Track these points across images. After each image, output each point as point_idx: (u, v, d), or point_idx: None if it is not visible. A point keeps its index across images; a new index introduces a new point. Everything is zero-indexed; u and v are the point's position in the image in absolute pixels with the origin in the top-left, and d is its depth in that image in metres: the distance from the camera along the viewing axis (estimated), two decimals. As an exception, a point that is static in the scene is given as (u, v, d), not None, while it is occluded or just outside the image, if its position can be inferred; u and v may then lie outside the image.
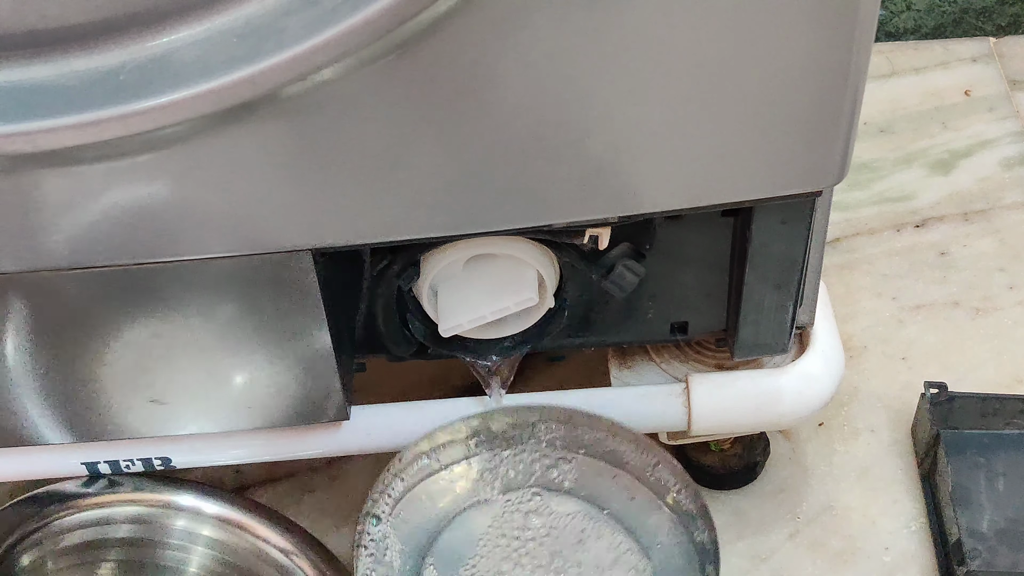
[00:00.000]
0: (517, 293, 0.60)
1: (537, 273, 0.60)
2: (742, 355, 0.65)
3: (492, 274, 0.60)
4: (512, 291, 0.60)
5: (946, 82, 1.08)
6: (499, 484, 0.63)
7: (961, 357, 0.85)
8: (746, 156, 0.53)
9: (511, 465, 0.63)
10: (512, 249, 0.59)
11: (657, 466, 0.64)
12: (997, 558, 0.71)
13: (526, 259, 0.59)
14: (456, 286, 0.60)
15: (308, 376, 0.61)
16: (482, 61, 0.48)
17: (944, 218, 0.96)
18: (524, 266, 0.60)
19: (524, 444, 0.63)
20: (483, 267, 0.60)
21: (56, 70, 0.45)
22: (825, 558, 0.75)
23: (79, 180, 0.50)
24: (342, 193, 0.52)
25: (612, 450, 0.63)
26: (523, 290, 0.60)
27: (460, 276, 0.60)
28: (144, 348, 0.59)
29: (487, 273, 0.60)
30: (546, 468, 0.63)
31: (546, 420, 0.62)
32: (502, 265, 0.60)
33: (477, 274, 0.60)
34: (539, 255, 0.60)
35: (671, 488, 0.63)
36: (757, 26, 0.48)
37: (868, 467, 0.79)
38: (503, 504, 0.63)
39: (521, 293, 0.60)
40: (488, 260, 0.60)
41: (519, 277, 0.60)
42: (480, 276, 0.60)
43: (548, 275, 0.60)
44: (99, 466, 0.67)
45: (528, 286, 0.60)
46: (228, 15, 0.45)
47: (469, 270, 0.60)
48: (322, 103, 0.48)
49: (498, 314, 0.60)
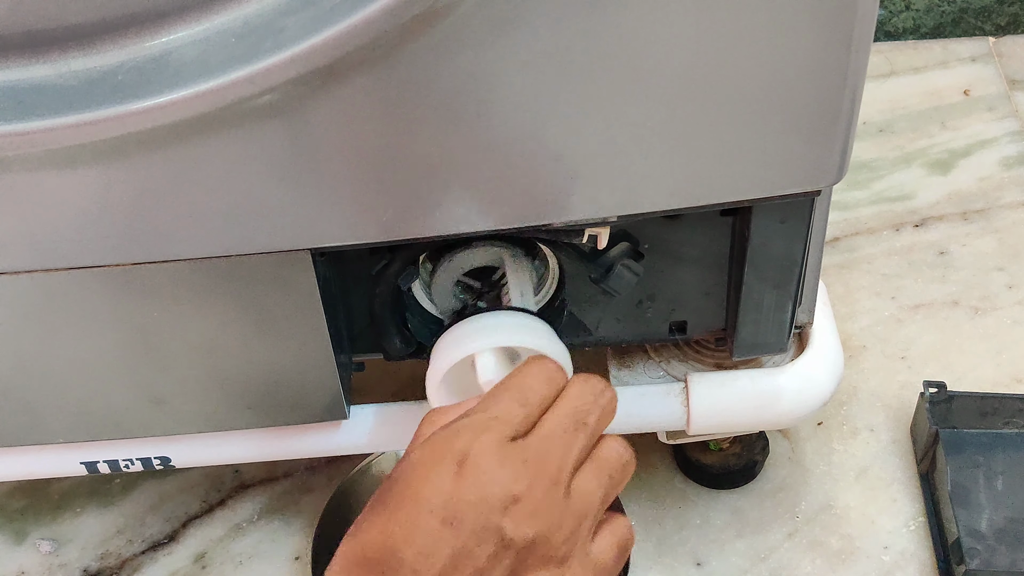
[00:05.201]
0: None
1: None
2: (741, 354, 0.65)
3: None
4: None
5: (945, 82, 1.08)
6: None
7: (960, 356, 0.86)
8: (745, 155, 0.53)
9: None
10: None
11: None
12: (996, 557, 0.71)
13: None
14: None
15: (307, 376, 0.61)
16: (480, 60, 0.48)
17: (943, 218, 0.96)
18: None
19: None
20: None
21: (55, 70, 0.45)
22: (824, 557, 0.75)
23: (78, 180, 0.50)
24: (341, 193, 0.52)
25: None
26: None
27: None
28: (143, 348, 0.59)
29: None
30: None
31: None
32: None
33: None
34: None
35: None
36: (756, 25, 0.48)
37: (867, 466, 0.79)
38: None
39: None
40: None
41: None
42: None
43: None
44: (99, 465, 0.67)
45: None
46: (227, 15, 0.45)
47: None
48: (320, 103, 0.48)
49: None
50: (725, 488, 0.78)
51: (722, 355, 0.68)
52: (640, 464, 0.80)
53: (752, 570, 0.75)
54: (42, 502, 0.81)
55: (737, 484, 0.78)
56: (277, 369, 0.60)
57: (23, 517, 0.80)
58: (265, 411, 0.63)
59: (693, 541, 0.76)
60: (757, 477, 0.79)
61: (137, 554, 0.78)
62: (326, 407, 0.63)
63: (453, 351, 0.58)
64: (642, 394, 0.67)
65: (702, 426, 0.67)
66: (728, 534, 0.76)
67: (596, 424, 0.50)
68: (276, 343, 0.59)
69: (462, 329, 0.59)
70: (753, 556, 0.75)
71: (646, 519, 0.77)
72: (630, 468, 0.51)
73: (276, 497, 0.80)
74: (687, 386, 0.67)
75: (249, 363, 0.60)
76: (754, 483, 0.79)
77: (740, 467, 0.78)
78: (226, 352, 0.59)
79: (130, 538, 0.79)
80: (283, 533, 0.78)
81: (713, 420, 0.67)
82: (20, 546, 0.79)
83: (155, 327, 0.58)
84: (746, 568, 0.75)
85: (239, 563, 0.77)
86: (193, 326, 0.58)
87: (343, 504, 0.76)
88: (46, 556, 0.78)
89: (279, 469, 0.82)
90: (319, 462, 0.82)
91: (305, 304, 0.57)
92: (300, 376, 0.61)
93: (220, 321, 0.58)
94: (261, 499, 0.80)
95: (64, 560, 0.78)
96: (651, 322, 0.64)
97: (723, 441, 0.77)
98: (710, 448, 0.78)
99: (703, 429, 0.68)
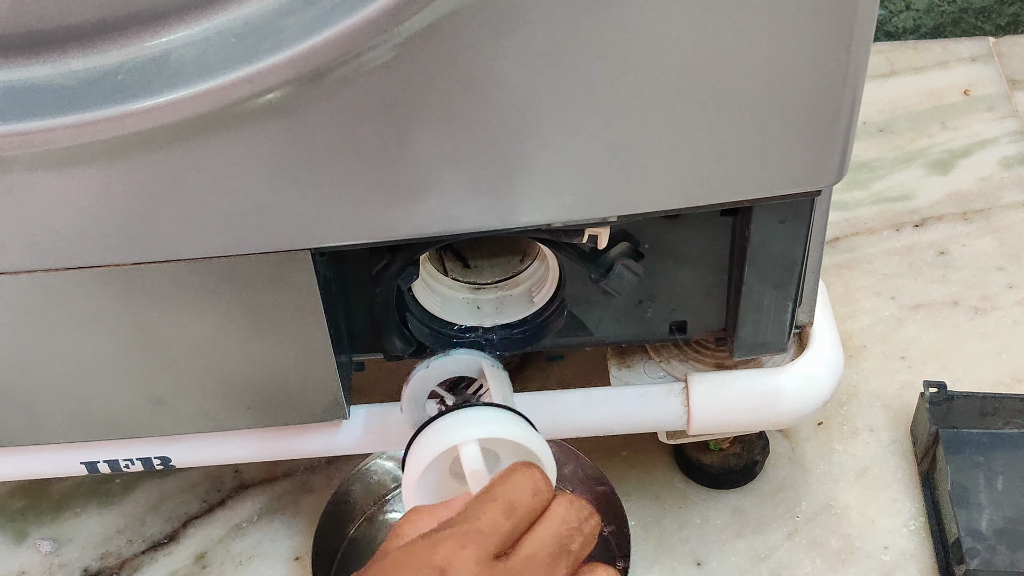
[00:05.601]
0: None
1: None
2: (741, 354, 0.65)
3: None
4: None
5: (945, 82, 1.08)
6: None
7: (960, 356, 0.86)
8: (745, 155, 0.53)
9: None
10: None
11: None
12: (996, 557, 0.71)
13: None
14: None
15: (307, 376, 0.61)
16: (480, 61, 0.48)
17: (943, 217, 0.96)
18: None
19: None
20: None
21: (55, 70, 0.45)
22: (824, 557, 0.75)
23: (78, 180, 0.50)
24: (340, 193, 0.52)
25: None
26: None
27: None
28: (143, 348, 0.59)
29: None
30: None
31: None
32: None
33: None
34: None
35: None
36: (756, 25, 0.48)
37: (867, 466, 0.79)
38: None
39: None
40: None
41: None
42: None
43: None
44: (99, 465, 0.67)
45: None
46: (227, 15, 0.45)
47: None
48: (320, 103, 0.48)
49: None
50: (725, 488, 0.78)
51: (722, 355, 0.68)
52: (640, 464, 0.80)
53: (752, 570, 0.75)
54: (42, 502, 0.81)
55: (737, 484, 0.78)
56: (277, 369, 0.60)
57: (23, 517, 0.80)
58: (265, 411, 0.63)
59: (693, 541, 0.76)
60: (757, 477, 0.79)
61: (137, 554, 0.78)
62: (326, 407, 0.63)
63: (435, 443, 0.55)
64: (642, 394, 0.67)
65: (702, 426, 0.67)
66: (728, 534, 0.76)
67: (579, 551, 0.48)
68: (276, 343, 0.59)
69: (445, 422, 0.56)
70: (753, 556, 0.75)
71: (646, 519, 0.77)
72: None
73: (276, 497, 0.80)
74: (687, 386, 0.67)
75: (249, 363, 0.60)
76: (754, 483, 0.79)
77: (740, 467, 0.78)
78: (226, 352, 0.59)
79: (130, 538, 0.79)
80: (283, 533, 0.78)
81: (713, 420, 0.67)
82: (20, 546, 0.79)
83: (155, 327, 0.58)
84: (746, 568, 0.75)
85: (239, 563, 0.77)
86: (193, 326, 0.58)
87: (343, 504, 0.76)
88: (46, 556, 0.78)
89: (279, 469, 0.82)
90: (319, 462, 0.82)
91: (305, 304, 0.57)
92: (300, 376, 0.61)
93: (220, 321, 0.58)
94: (261, 499, 0.80)
95: (64, 560, 0.78)
96: (651, 322, 0.64)
97: (723, 441, 0.77)
98: (710, 448, 0.78)
99: (703, 429, 0.68)
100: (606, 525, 0.74)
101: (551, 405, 0.67)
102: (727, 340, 0.65)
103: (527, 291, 0.64)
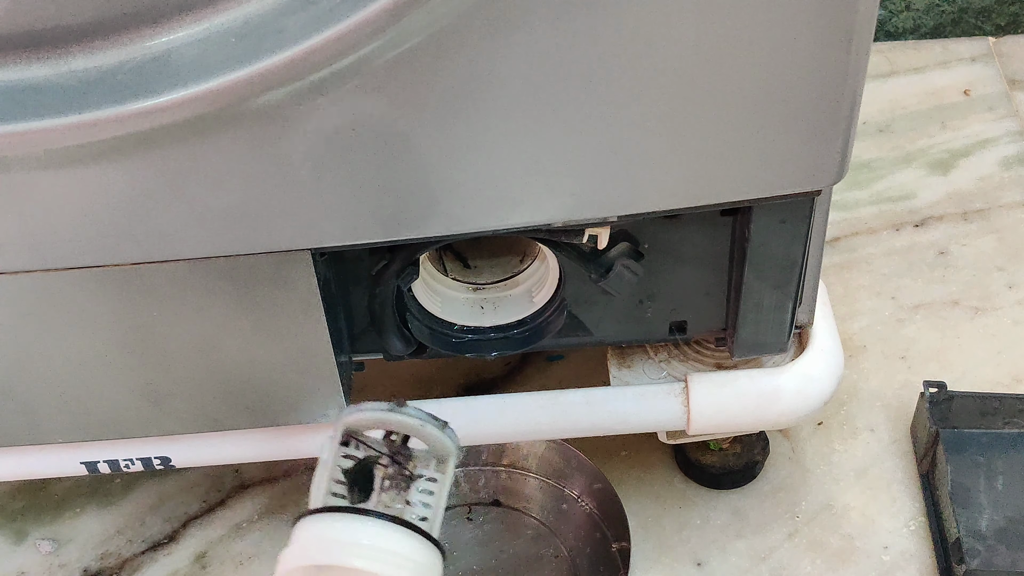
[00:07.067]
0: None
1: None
2: (741, 354, 0.65)
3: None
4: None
5: (945, 82, 1.08)
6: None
7: (960, 356, 0.86)
8: (745, 155, 0.53)
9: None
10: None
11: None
12: (996, 557, 0.71)
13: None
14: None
15: (307, 375, 0.61)
16: (479, 61, 0.48)
17: (943, 217, 0.96)
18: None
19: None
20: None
21: (55, 70, 0.45)
22: (824, 557, 0.75)
23: (78, 180, 0.50)
24: (341, 193, 0.52)
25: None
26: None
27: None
28: (143, 348, 0.59)
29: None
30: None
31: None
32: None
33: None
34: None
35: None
36: (756, 25, 0.48)
37: (867, 466, 0.79)
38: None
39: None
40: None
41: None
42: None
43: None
44: (99, 465, 0.67)
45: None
46: (227, 15, 0.45)
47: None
48: (320, 103, 0.48)
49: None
50: (725, 488, 0.78)
51: (722, 355, 0.68)
52: (640, 464, 0.80)
53: (752, 570, 0.75)
54: (42, 502, 0.81)
55: (737, 484, 0.78)
56: (277, 369, 0.60)
57: (23, 517, 0.80)
58: (265, 411, 0.63)
59: (693, 541, 0.76)
60: (757, 477, 0.79)
61: (137, 554, 0.78)
62: (326, 407, 0.63)
63: (312, 550, 0.49)
64: (642, 394, 0.67)
65: (702, 426, 0.67)
66: (728, 534, 0.76)
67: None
68: (276, 343, 0.59)
69: (333, 526, 0.50)
70: (753, 556, 0.75)
71: (646, 519, 0.77)
72: None
73: (276, 497, 0.80)
74: (687, 386, 0.67)
75: (249, 363, 0.60)
76: (754, 483, 0.79)
77: (740, 467, 0.78)
78: (226, 352, 0.59)
79: (130, 538, 0.79)
80: (283, 533, 0.78)
81: (713, 420, 0.67)
82: (20, 546, 0.79)
83: (155, 327, 0.58)
84: (746, 568, 0.75)
85: (239, 563, 0.77)
86: (193, 326, 0.58)
87: (343, 504, 0.76)
88: (46, 556, 0.78)
89: (279, 469, 0.82)
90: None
91: (305, 304, 0.57)
92: (300, 376, 0.61)
93: (220, 321, 0.58)
94: (261, 499, 0.80)
95: (64, 560, 0.78)
96: (651, 322, 0.64)
97: (723, 441, 0.77)
98: (710, 448, 0.78)
99: (703, 429, 0.68)
100: (607, 525, 0.74)
101: (551, 405, 0.67)
102: (727, 340, 0.65)
103: (527, 291, 0.65)
